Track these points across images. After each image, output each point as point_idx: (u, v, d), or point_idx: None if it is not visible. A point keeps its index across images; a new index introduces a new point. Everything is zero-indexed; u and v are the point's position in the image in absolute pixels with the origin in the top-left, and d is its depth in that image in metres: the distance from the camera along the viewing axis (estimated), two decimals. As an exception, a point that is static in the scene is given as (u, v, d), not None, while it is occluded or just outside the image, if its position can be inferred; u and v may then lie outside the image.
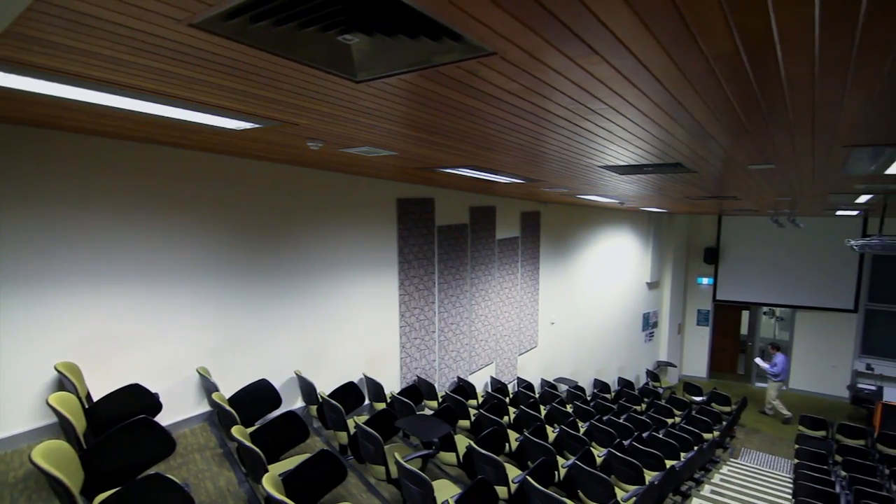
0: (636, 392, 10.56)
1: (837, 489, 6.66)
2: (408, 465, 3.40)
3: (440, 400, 6.09)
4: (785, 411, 11.08)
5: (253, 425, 4.06)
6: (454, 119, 2.43)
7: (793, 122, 2.23)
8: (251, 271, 4.55)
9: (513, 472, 4.30)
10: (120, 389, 3.43)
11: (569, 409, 7.77)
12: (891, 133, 2.38)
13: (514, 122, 2.46)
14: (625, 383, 11.08)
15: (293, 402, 5.04)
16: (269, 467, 3.08)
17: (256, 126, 2.69)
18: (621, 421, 7.48)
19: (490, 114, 2.28)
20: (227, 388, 4.22)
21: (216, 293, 4.31)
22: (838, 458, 8.27)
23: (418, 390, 5.99)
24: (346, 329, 5.47)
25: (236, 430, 3.18)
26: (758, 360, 11.32)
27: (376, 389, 5.49)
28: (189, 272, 4.10)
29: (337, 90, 1.99)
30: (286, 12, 1.33)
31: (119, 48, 1.55)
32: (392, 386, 6.02)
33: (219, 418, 4.08)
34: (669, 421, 8.83)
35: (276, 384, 4.59)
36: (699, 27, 1.26)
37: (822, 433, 9.52)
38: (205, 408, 4.38)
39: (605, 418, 7.31)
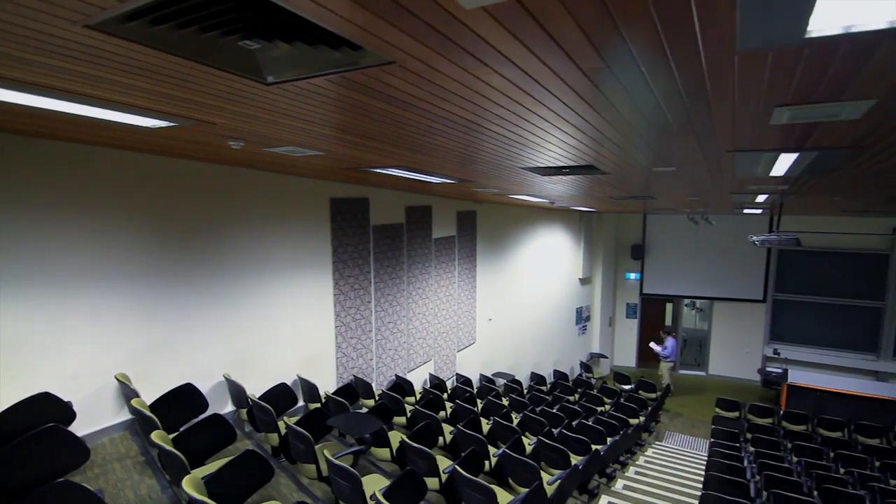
0: (570, 383, 11.03)
1: (745, 464, 7.30)
2: (337, 462, 3.45)
3: (377, 398, 6.15)
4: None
5: (178, 431, 3.96)
6: (371, 121, 2.52)
7: (676, 130, 2.48)
8: (176, 273, 4.42)
9: (445, 463, 4.43)
10: (27, 399, 3.25)
11: (504, 401, 8.02)
12: (762, 141, 2.69)
13: (430, 126, 2.58)
14: (560, 375, 11.53)
15: (222, 406, 4.93)
16: (194, 472, 3.04)
17: (171, 124, 2.66)
18: (554, 411, 7.82)
19: (405, 117, 2.39)
20: (150, 394, 4.09)
21: (137, 297, 4.16)
22: (749, 436, 9.05)
23: (354, 390, 6.01)
24: (278, 330, 5.41)
25: (156, 435, 3.11)
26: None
27: (311, 390, 5.47)
28: (105, 275, 3.94)
29: (249, 92, 2.03)
30: (183, 18, 1.37)
31: (21, 47, 1.53)
32: (328, 386, 6.00)
33: (140, 425, 3.94)
34: (599, 409, 9.31)
35: (204, 388, 4.49)
36: (568, 46, 1.42)
37: (735, 414, 10.35)
38: (126, 416, 4.21)
39: (538, 409, 7.62)
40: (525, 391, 9.54)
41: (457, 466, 3.84)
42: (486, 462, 4.96)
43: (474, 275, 9.14)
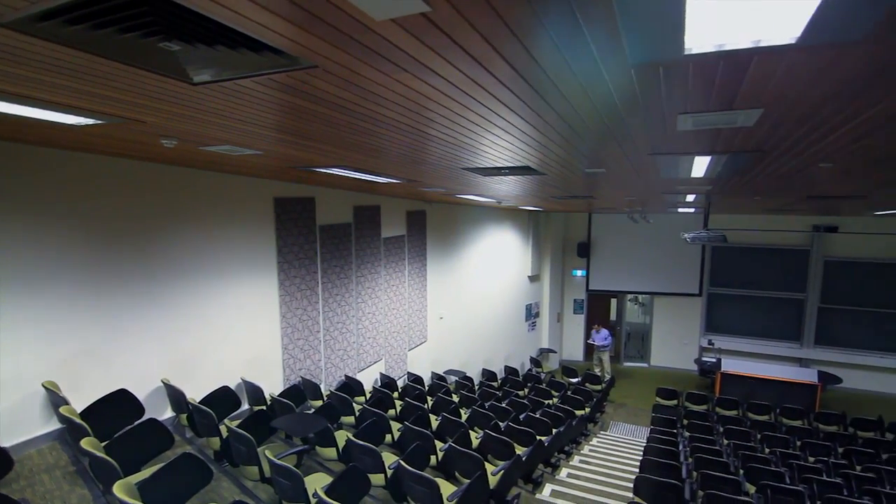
0: (520, 378, 11.30)
1: (680, 448, 7.74)
2: (279, 462, 3.45)
3: (325, 399, 6.12)
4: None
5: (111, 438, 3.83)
6: (305, 122, 2.55)
7: (596, 135, 2.65)
8: (111, 276, 4.26)
9: (392, 459, 4.49)
10: (-58, 411, 3.08)
11: (455, 398, 8.15)
12: (675, 145, 2.91)
13: (365, 127, 2.64)
14: (510, 371, 11.79)
15: (161, 412, 4.79)
16: (128, 478, 2.97)
17: (98, 122, 2.60)
18: (503, 405, 8.01)
19: (338, 118, 2.43)
20: (82, 402, 3.93)
21: (67, 300, 3.98)
22: (685, 422, 9.58)
23: (301, 391, 5.97)
24: (220, 333, 5.30)
25: (86, 443, 3.01)
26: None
27: (255, 393, 5.39)
28: (33, 278, 3.75)
29: (176, 91, 2.03)
30: (99, 19, 1.38)
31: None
32: (275, 389, 5.92)
33: (70, 434, 3.79)
34: (547, 402, 9.62)
35: (140, 394, 4.35)
36: (479, 55, 1.52)
37: (674, 402, 10.92)
38: (55, 425, 4.03)
39: (487, 404, 7.78)
40: (476, 387, 9.71)
41: (401, 461, 3.91)
42: (434, 457, 5.06)
43: (425, 274, 9.22)
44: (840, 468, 6.95)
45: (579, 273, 14.54)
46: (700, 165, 3.60)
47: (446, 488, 4.02)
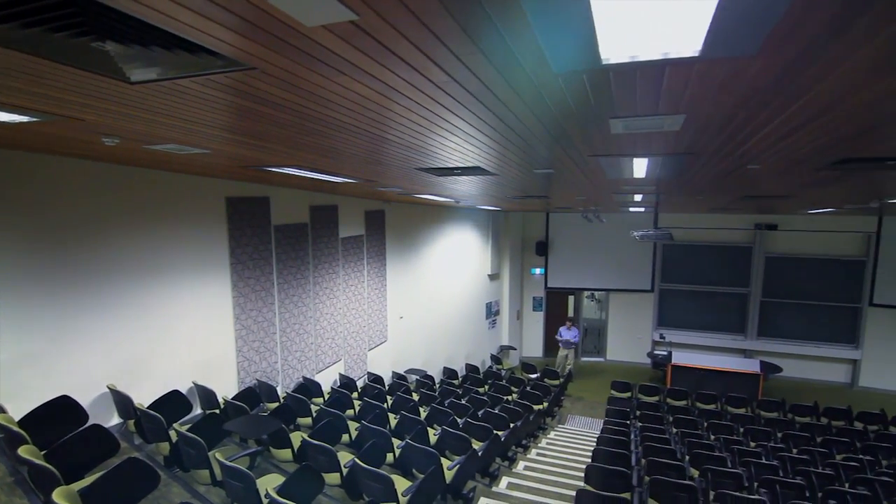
0: (481, 375, 11.46)
1: (632, 437, 8.06)
2: (230, 464, 3.43)
3: (282, 401, 6.06)
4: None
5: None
6: (251, 122, 2.56)
7: (539, 137, 2.77)
8: (53, 278, 4.10)
9: (348, 458, 4.51)
10: None
11: (415, 396, 8.20)
12: (613, 148, 3.07)
13: (312, 127, 2.66)
14: (471, 368, 11.94)
15: (107, 418, 4.64)
16: (70, 485, 2.89)
17: (33, 119, 2.52)
18: (463, 402, 8.12)
19: (283, 118, 2.45)
20: (20, 409, 3.77)
21: (4, 305, 3.81)
22: (638, 413, 9.96)
23: (256, 394, 5.89)
24: (170, 336, 5.17)
25: (24, 451, 2.91)
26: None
27: (208, 397, 5.29)
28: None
29: (114, 90, 2.00)
30: (27, 18, 1.37)
31: None
32: (229, 392, 5.82)
33: (6, 444, 3.63)
34: (507, 398, 9.79)
35: (85, 401, 4.21)
36: (412, 61, 1.59)
37: (627, 394, 11.31)
38: (-10, 436, 3.85)
39: (446, 402, 7.87)
40: (437, 386, 9.79)
41: (356, 459, 3.94)
42: (391, 454, 5.10)
43: (384, 273, 9.23)
44: (778, 451, 7.40)
45: (538, 271, 14.85)
46: (640, 166, 3.79)
47: (402, 484, 4.07)
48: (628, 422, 9.30)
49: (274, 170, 4.55)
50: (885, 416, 9.53)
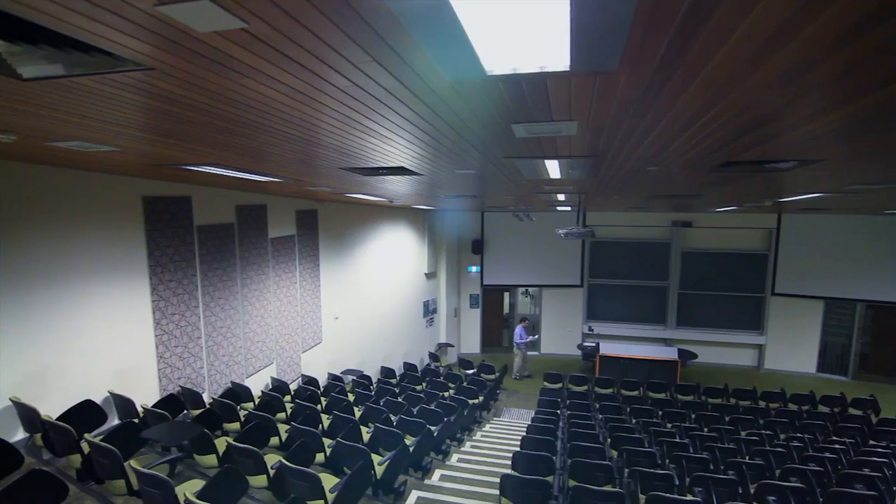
0: (419, 373, 11.58)
1: (560, 425, 8.45)
2: (147, 472, 3.33)
3: (208, 406, 5.88)
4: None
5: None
6: (159, 120, 2.52)
7: (453, 140, 2.90)
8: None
9: (276, 460, 4.47)
10: None
11: (350, 397, 8.19)
12: (523, 150, 3.26)
13: (225, 127, 2.66)
14: (409, 367, 12.02)
15: (12, 433, 4.34)
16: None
17: (-89, 115, 2.36)
18: (399, 400, 8.20)
19: (192, 117, 2.44)
20: None
21: None
22: (567, 402, 10.43)
23: (180, 401, 5.69)
24: (82, 344, 4.89)
25: None
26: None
27: (125, 406, 5.05)
28: None
29: (5, 85, 1.93)
30: None
31: None
32: (150, 400, 5.57)
33: None
34: (444, 394, 9.96)
35: (-18, 416, 3.93)
36: (310, 66, 1.66)
37: (558, 385, 11.81)
38: None
39: (382, 400, 7.92)
40: (373, 385, 9.81)
41: (283, 460, 3.93)
42: (322, 454, 5.10)
43: (318, 274, 9.13)
44: (690, 431, 8.02)
45: (474, 269, 15.16)
46: (553, 168, 4.03)
47: (330, 482, 4.10)
48: (558, 411, 9.73)
49: (193, 168, 4.43)
50: (785, 394, 10.55)
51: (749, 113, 2.21)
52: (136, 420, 4.95)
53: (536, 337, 13.71)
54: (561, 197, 7.30)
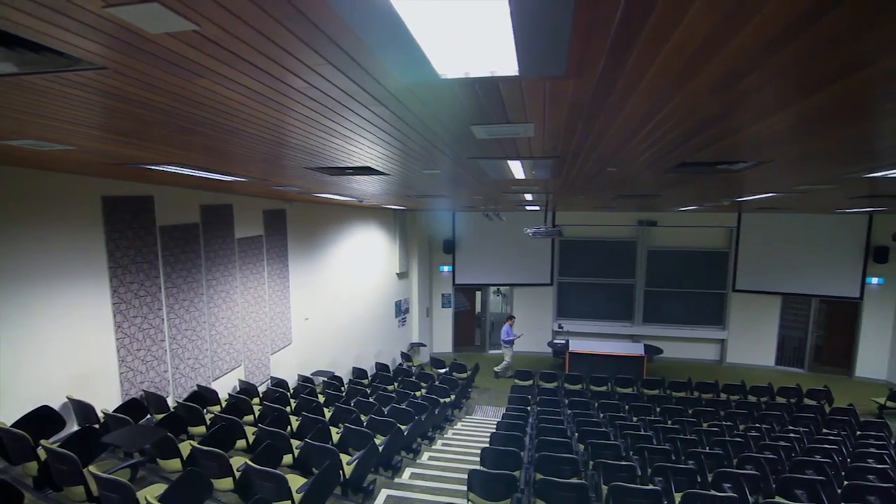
0: (391, 373, 11.58)
1: (530, 420, 8.59)
2: (107, 477, 3.27)
3: (172, 410, 5.78)
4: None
5: None
6: (116, 119, 2.49)
7: (415, 140, 2.95)
8: None
9: (242, 462, 4.43)
10: None
11: (321, 398, 8.14)
12: (486, 151, 3.33)
13: (185, 126, 2.64)
14: (381, 367, 12.01)
15: (-39, 443, 4.18)
16: None
17: None
18: (370, 400, 8.20)
19: (149, 116, 2.41)
20: None
21: None
22: (538, 399, 10.60)
23: (143, 405, 5.57)
24: (38, 348, 4.73)
25: None
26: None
27: (85, 411, 4.92)
28: None
29: (-53, 82, 1.89)
30: None
31: None
32: (111, 405, 5.43)
33: None
34: (416, 393, 9.99)
35: (-71, 424, 3.78)
36: (267, 68, 1.68)
37: (529, 382, 11.99)
38: None
39: (352, 401, 7.90)
40: (344, 386, 9.76)
41: (248, 461, 3.91)
42: (290, 455, 5.08)
43: (287, 274, 9.04)
44: (654, 423, 8.26)
45: (446, 269, 15.24)
46: (517, 168, 4.12)
47: (298, 482, 4.10)
48: (528, 407, 9.88)
49: (155, 168, 4.35)
50: (745, 386, 10.96)
51: (694, 117, 2.32)
52: (96, 426, 4.83)
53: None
54: (528, 197, 7.43)
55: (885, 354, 13.19)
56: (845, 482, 5.43)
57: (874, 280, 13.07)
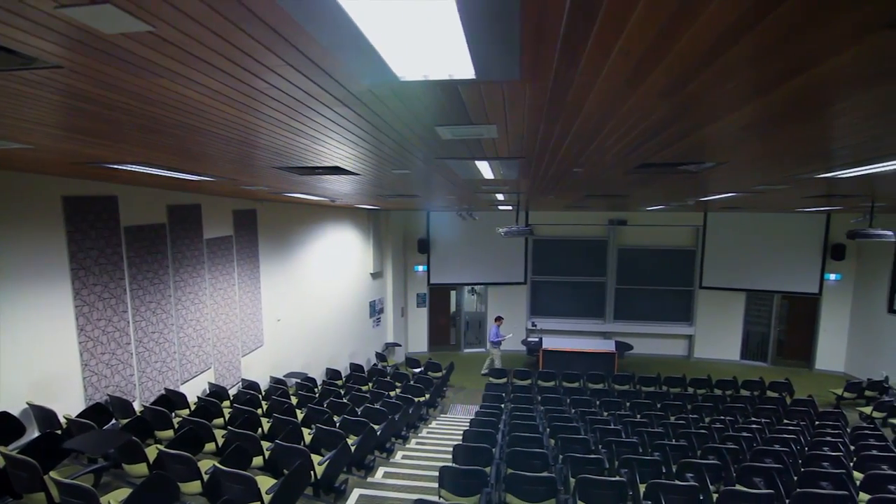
0: (365, 374, 11.54)
1: (503, 418, 8.69)
2: (70, 482, 3.20)
3: (138, 414, 5.66)
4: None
5: None
6: (75, 118, 2.45)
7: (382, 141, 2.98)
8: None
9: (210, 465, 4.38)
10: None
11: (294, 400, 8.08)
12: (453, 151, 3.38)
13: (147, 125, 2.61)
14: (356, 367, 11.97)
15: (-88, 452, 4.02)
16: None
17: None
18: (344, 401, 8.17)
19: (110, 115, 2.39)
20: None
21: None
22: (511, 396, 10.72)
23: (108, 410, 5.44)
24: (-4, 353, 4.60)
25: None
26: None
27: (46, 417, 4.79)
28: None
29: None
30: None
31: None
32: (74, 410, 5.30)
33: None
34: (391, 393, 10.00)
35: None
36: (224, 68, 1.69)
37: (503, 380, 12.12)
38: None
39: (325, 402, 7.87)
40: (318, 387, 9.70)
41: (217, 464, 3.87)
42: (261, 457, 5.04)
43: (258, 275, 8.93)
44: (624, 418, 8.46)
45: (420, 268, 15.26)
46: (485, 168, 4.19)
47: (267, 484, 4.07)
48: (502, 405, 9.99)
49: (119, 167, 4.27)
50: (711, 380, 11.31)
51: (649, 120, 2.42)
52: (58, 432, 4.71)
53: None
54: (500, 197, 7.52)
55: (842, 348, 13.78)
56: (802, 469, 5.67)
57: (832, 276, 13.64)
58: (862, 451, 6.64)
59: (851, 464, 6.32)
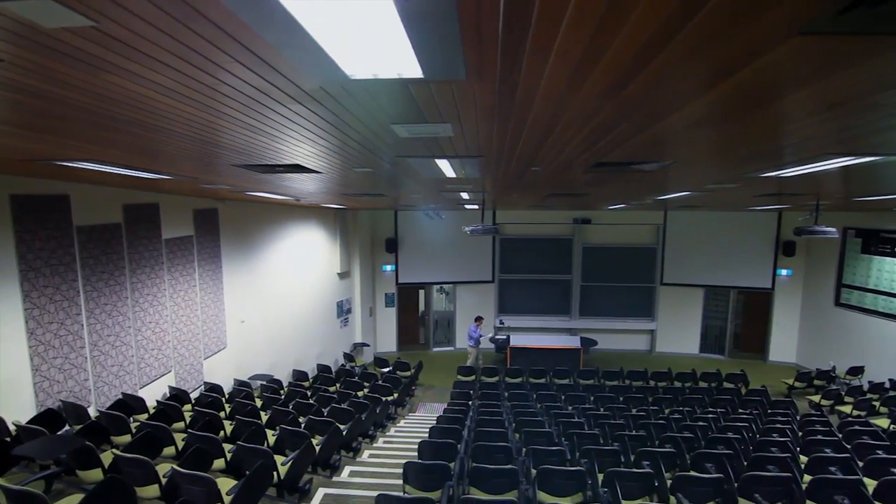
0: (333, 374, 11.46)
1: (470, 414, 8.78)
2: (18, 488, 3.11)
3: (94, 420, 5.50)
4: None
5: None
6: (19, 113, 2.39)
7: (337, 138, 3.00)
8: None
9: (168, 468, 4.30)
10: None
11: (258, 402, 7.97)
12: (413, 150, 3.43)
13: (98, 121, 2.56)
14: (323, 368, 11.85)
15: None
16: None
17: None
18: (310, 401, 8.11)
19: (59, 111, 2.34)
20: None
21: None
22: (479, 393, 10.84)
23: (61, 416, 5.27)
24: (-63, 359, 4.40)
25: None
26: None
27: (-7, 424, 4.61)
28: None
29: None
30: None
31: None
32: (24, 417, 5.10)
33: None
34: (359, 393, 9.97)
35: None
36: (173, 64, 1.70)
37: (471, 378, 12.23)
38: None
39: (291, 403, 7.79)
40: (284, 389, 9.59)
41: (175, 466, 3.81)
42: (222, 459, 4.97)
43: (221, 276, 8.77)
44: (587, 411, 8.67)
45: (389, 268, 15.24)
46: (446, 167, 4.25)
47: (228, 485, 4.03)
48: (469, 402, 10.09)
49: (71, 165, 4.15)
50: (671, 373, 11.70)
51: (595, 120, 2.52)
52: (7, 439, 4.53)
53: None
54: (466, 196, 7.60)
55: (793, 340, 14.47)
56: (752, 454, 5.96)
57: (784, 272, 14.30)
58: (808, 437, 7.01)
59: (798, 448, 6.67)
